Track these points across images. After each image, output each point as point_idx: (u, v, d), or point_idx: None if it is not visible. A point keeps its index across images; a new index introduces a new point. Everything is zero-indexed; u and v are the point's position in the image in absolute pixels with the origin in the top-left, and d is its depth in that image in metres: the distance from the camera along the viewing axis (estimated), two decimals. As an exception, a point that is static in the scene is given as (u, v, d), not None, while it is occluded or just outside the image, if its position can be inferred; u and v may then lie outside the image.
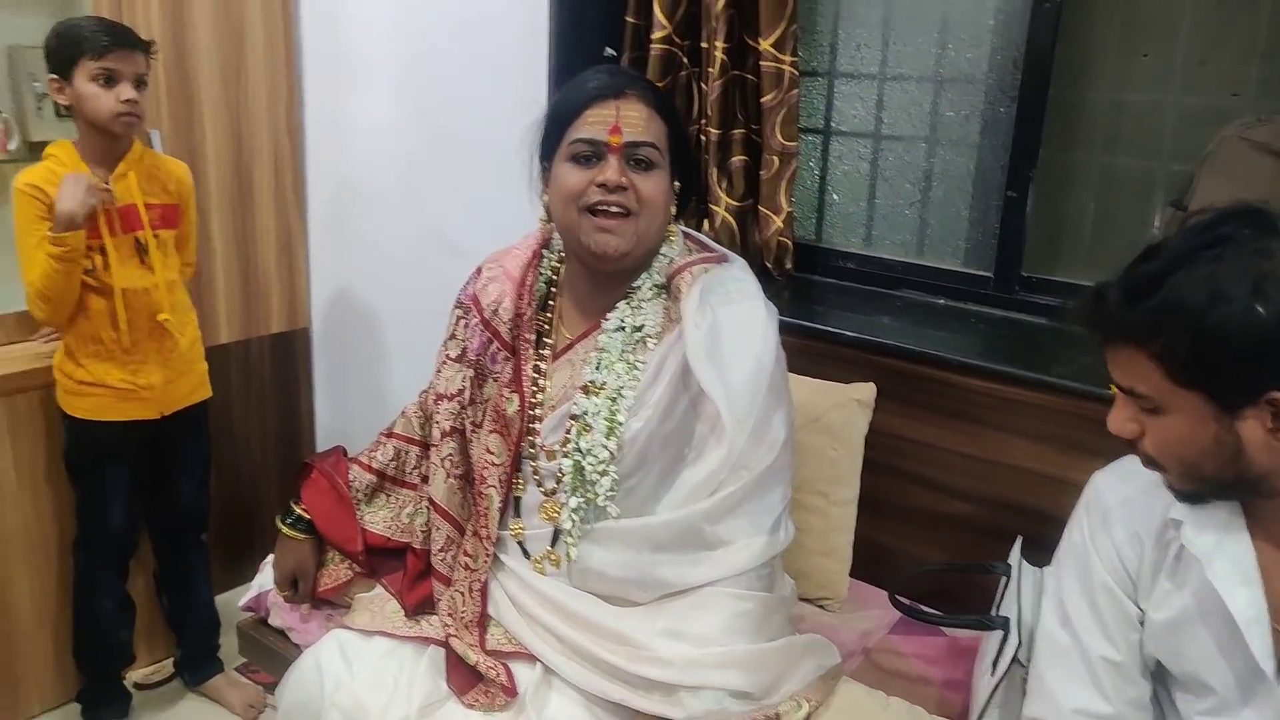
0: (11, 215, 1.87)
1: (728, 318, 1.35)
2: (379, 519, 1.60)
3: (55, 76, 1.85)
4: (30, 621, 2.14)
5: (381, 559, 1.59)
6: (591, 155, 1.34)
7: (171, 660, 2.34)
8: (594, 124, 1.34)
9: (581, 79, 1.40)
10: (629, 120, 1.33)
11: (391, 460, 1.62)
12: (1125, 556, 1.16)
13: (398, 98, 2.43)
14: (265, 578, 1.83)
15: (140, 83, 1.88)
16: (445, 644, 1.40)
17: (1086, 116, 1.89)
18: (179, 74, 2.30)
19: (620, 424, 1.34)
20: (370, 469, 1.61)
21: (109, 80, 1.84)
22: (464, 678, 1.35)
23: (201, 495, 2.23)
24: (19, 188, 1.85)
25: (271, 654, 1.72)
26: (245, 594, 1.77)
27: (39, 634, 2.16)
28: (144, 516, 2.19)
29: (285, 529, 1.59)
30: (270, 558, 1.87)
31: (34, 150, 1.96)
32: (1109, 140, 1.88)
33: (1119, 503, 1.18)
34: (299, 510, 1.59)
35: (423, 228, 2.44)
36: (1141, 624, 1.16)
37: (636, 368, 1.36)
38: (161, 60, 2.10)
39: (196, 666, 2.28)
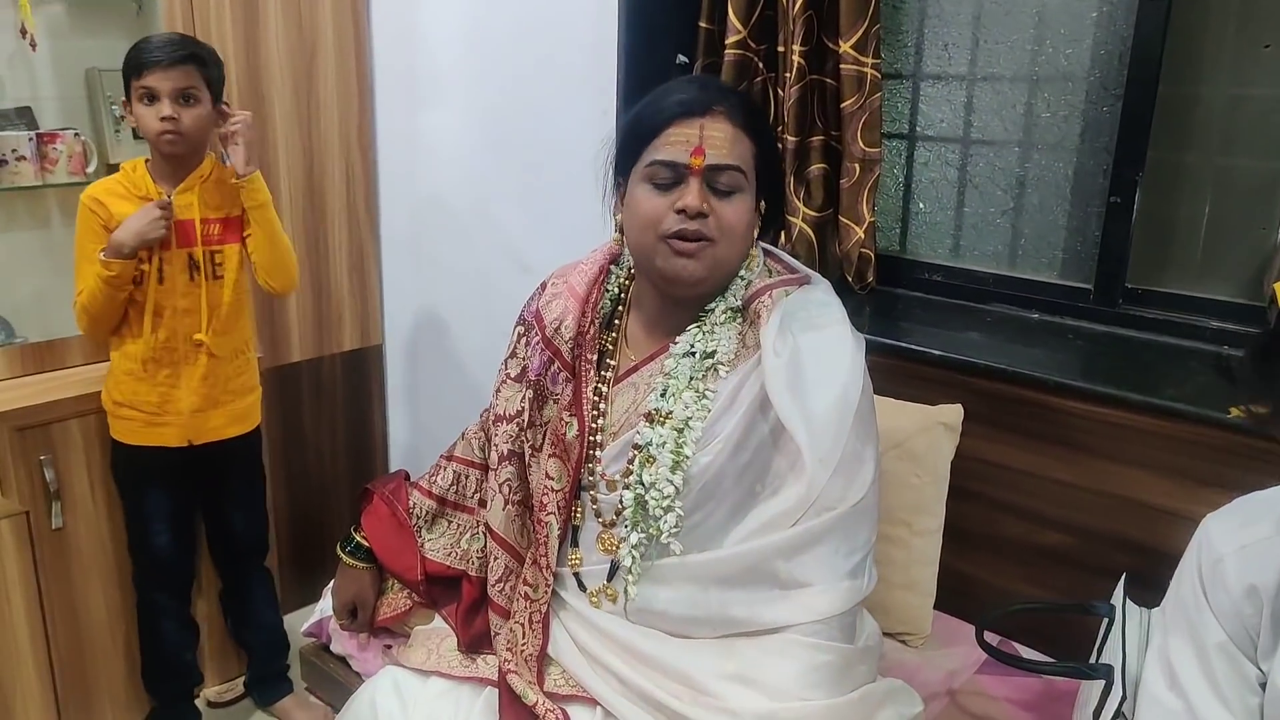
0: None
1: (810, 345, 1.25)
2: (439, 546, 1.55)
3: (124, 99, 1.86)
4: (105, 637, 2.16)
5: (442, 589, 1.53)
6: (671, 179, 1.25)
7: (243, 679, 2.34)
8: (675, 144, 1.24)
9: (665, 91, 1.30)
10: (713, 141, 1.23)
11: (451, 485, 1.57)
12: (1243, 613, 1.02)
13: (468, 111, 2.40)
14: (328, 603, 1.80)
15: (186, 98, 1.84)
16: (501, 681, 1.33)
17: (1200, 114, 1.74)
18: (251, 88, 2.30)
19: (687, 457, 1.24)
20: (431, 494, 1.56)
21: (151, 99, 1.82)
22: (519, 717, 1.28)
23: (257, 525, 2.21)
24: (82, 199, 1.87)
25: (332, 681, 1.69)
26: (310, 618, 1.74)
27: (113, 650, 2.18)
28: (205, 540, 2.20)
29: (345, 557, 1.55)
30: (332, 583, 1.84)
31: (112, 173, 1.97)
32: (1225, 140, 1.73)
33: (1234, 550, 1.04)
34: (358, 538, 1.55)
35: (494, 244, 2.41)
36: (1263, 687, 1.03)
37: (706, 396, 1.27)
38: (233, 74, 2.09)
39: (265, 687, 2.28)
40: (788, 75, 1.92)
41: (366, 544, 1.54)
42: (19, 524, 1.98)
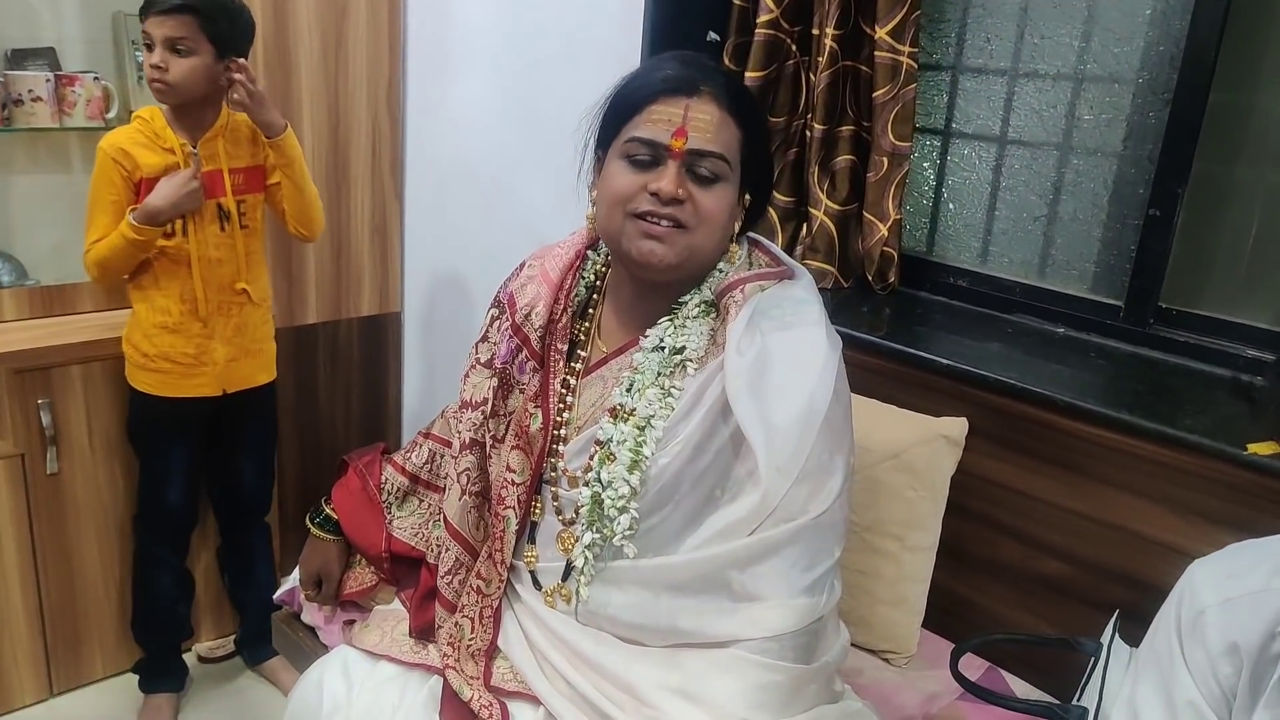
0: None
1: (780, 345, 1.16)
2: (407, 525, 1.51)
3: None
4: (97, 587, 2.18)
5: (406, 569, 1.50)
6: (650, 158, 1.17)
7: (234, 637, 2.35)
8: (657, 122, 1.16)
9: (652, 65, 1.23)
10: (698, 124, 1.15)
11: (425, 463, 1.53)
12: (1220, 671, 0.94)
13: (495, 82, 2.36)
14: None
15: (178, 48, 1.79)
16: (443, 674, 1.30)
17: (1254, 126, 1.62)
18: (278, 47, 2.27)
19: (646, 457, 1.18)
20: (404, 471, 1.52)
21: (149, 46, 1.80)
22: (457, 713, 1.24)
23: (264, 477, 2.21)
24: (101, 147, 1.85)
25: (301, 650, 1.67)
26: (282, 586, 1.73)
27: (105, 600, 2.20)
28: (207, 495, 2.20)
29: (313, 528, 1.53)
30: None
31: (132, 120, 1.96)
32: (1279, 154, 1.60)
33: (1218, 603, 0.96)
34: (328, 510, 1.52)
35: (515, 217, 2.37)
36: (1235, 748, 0.95)
37: (671, 394, 1.20)
38: (260, 32, 2.06)
39: (255, 646, 2.28)
40: (820, 59, 1.85)
41: (335, 516, 1.51)
42: (13, 467, 2.00)
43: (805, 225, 1.95)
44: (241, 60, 1.88)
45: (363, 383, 2.67)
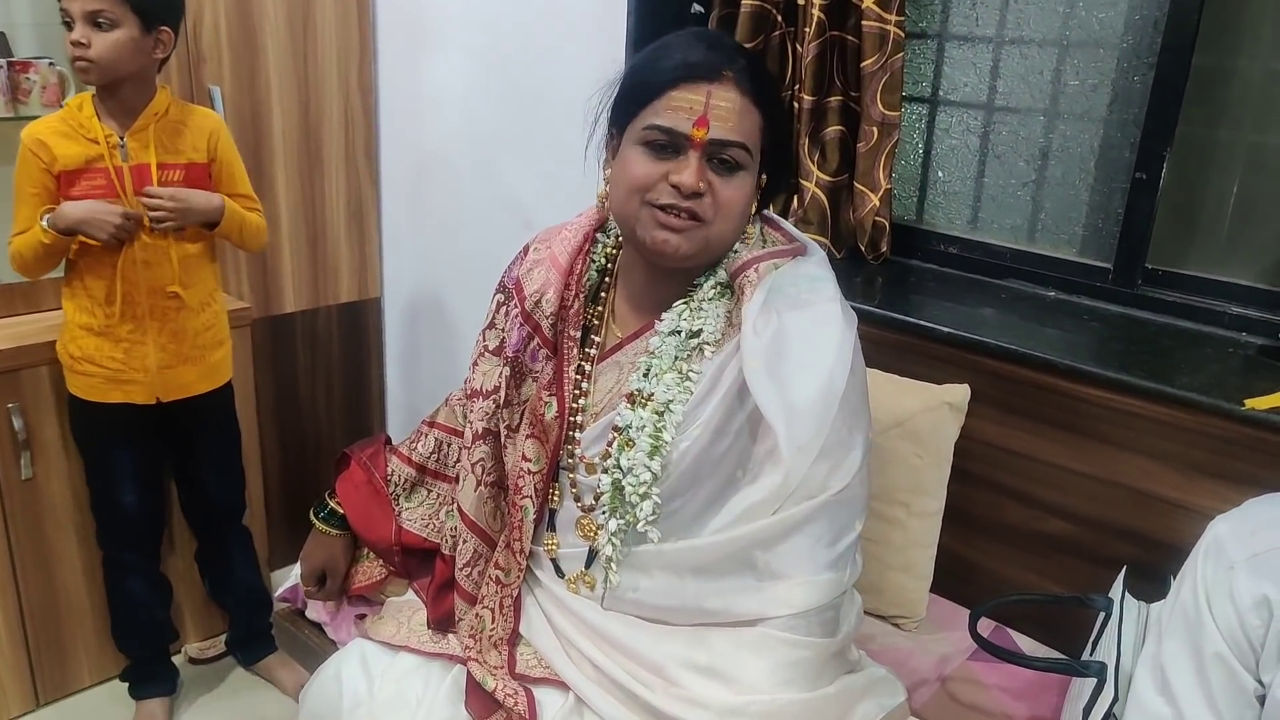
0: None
1: (795, 324, 1.15)
2: (417, 516, 1.49)
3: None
4: (80, 593, 2.11)
5: (417, 561, 1.48)
6: (669, 146, 1.14)
7: (224, 637, 2.31)
8: (678, 109, 1.13)
9: (671, 46, 1.17)
10: (720, 112, 1.12)
11: (432, 453, 1.50)
12: (1248, 624, 0.96)
13: (472, 59, 2.32)
14: (304, 567, 1.76)
15: (98, 22, 1.66)
16: (461, 659, 1.29)
17: (1235, 88, 1.65)
18: (242, 26, 2.19)
19: (666, 443, 1.17)
20: (410, 462, 1.50)
21: (68, 23, 1.68)
22: (483, 703, 1.23)
23: (230, 485, 2.12)
24: (23, 137, 1.74)
25: (306, 648, 1.66)
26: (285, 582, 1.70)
27: (89, 606, 2.13)
28: (178, 499, 2.14)
29: (318, 523, 1.50)
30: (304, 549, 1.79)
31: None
32: (1261, 116, 1.64)
33: (1245, 558, 0.98)
34: (333, 504, 1.49)
35: (496, 198, 2.34)
36: (1261, 700, 0.97)
37: (689, 378, 1.19)
38: (224, 14, 1.99)
39: (247, 646, 2.24)
40: (807, 30, 1.84)
41: (341, 510, 1.48)
42: (-15, 473, 1.92)
43: (797, 197, 1.95)
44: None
45: (344, 371, 2.63)
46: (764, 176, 1.22)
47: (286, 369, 2.48)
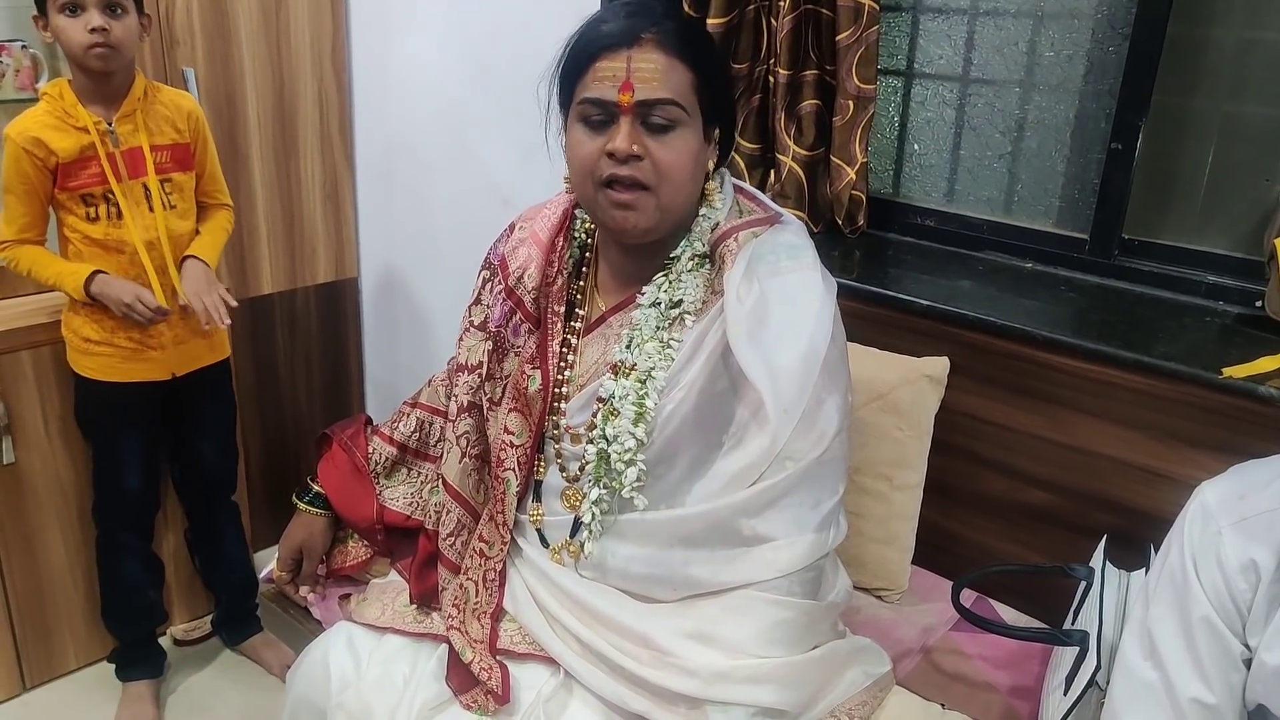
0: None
1: (777, 290, 1.17)
2: (399, 495, 1.49)
3: (36, 13, 1.72)
4: (64, 577, 2.11)
5: (399, 539, 1.49)
6: (603, 118, 1.15)
7: (210, 618, 2.31)
8: (603, 80, 1.14)
9: (594, 20, 1.20)
10: (642, 74, 1.13)
11: (414, 432, 1.51)
12: (1235, 588, 0.97)
13: (445, 37, 2.30)
14: (287, 549, 1.76)
15: (114, 8, 1.71)
16: (447, 638, 1.29)
17: (1210, 57, 1.65)
18: (214, 8, 2.17)
19: (649, 408, 1.18)
20: (392, 441, 1.50)
21: (74, 9, 1.68)
22: (464, 676, 1.24)
23: (226, 458, 2.15)
24: (10, 136, 1.73)
25: (291, 628, 1.66)
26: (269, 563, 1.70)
27: (74, 590, 2.14)
28: (171, 477, 2.14)
29: (301, 505, 1.50)
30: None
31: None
32: (1235, 85, 1.64)
33: (1232, 523, 0.99)
34: (315, 487, 1.49)
35: (473, 175, 2.32)
36: (1246, 663, 0.99)
37: (670, 346, 1.20)
38: (194, -3, 1.99)
39: (233, 627, 2.25)
40: (781, 4, 1.83)
41: (323, 492, 1.48)
42: (-34, 461, 1.92)
43: (774, 171, 1.95)
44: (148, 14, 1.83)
45: (323, 351, 2.62)
46: (717, 132, 1.23)
47: (265, 350, 2.48)
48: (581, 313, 1.31)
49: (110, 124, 1.79)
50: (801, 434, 1.15)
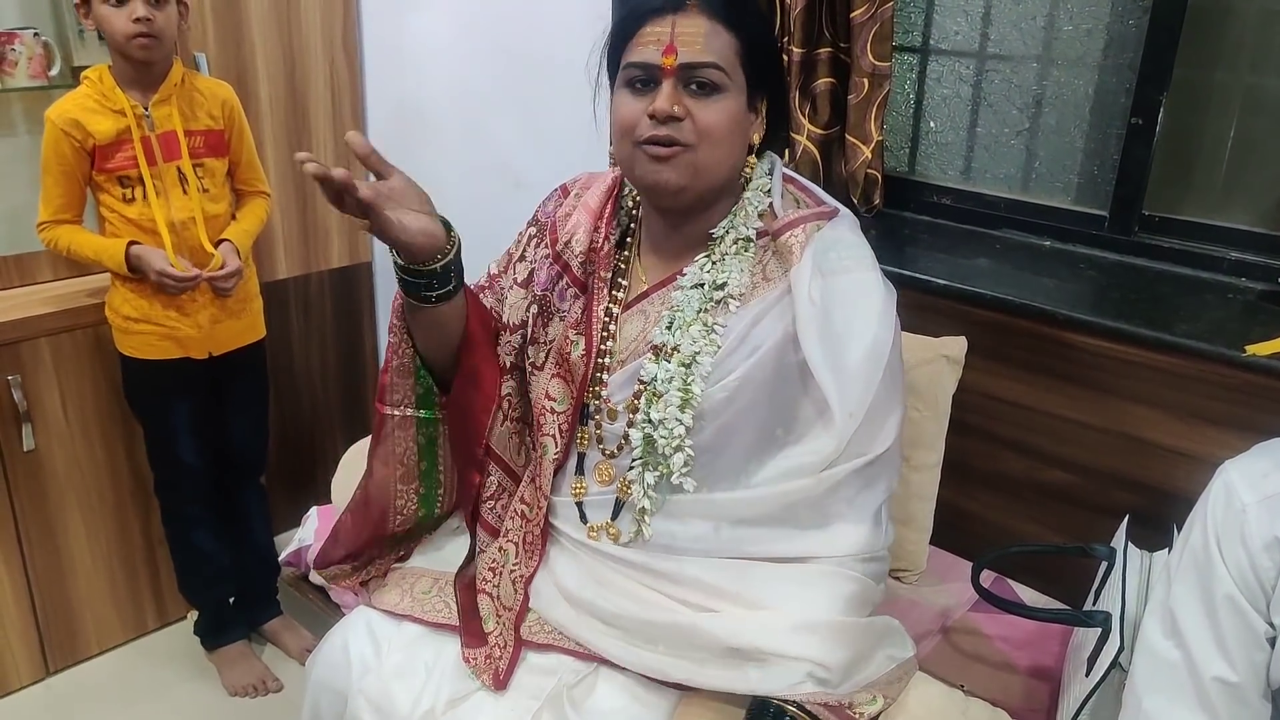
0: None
1: (840, 290, 1.17)
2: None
3: (78, 1, 1.75)
4: (85, 562, 2.14)
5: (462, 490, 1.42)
6: (647, 80, 1.16)
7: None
8: (647, 44, 1.16)
9: None
10: (685, 38, 1.14)
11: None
12: (1260, 566, 0.97)
13: (456, 15, 2.29)
14: (307, 531, 1.77)
15: None
16: (468, 607, 1.30)
17: (1232, 30, 1.63)
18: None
19: (695, 394, 1.18)
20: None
21: (111, 1, 1.72)
22: (478, 633, 1.26)
23: (258, 436, 2.17)
24: (50, 118, 1.78)
25: (311, 612, 1.67)
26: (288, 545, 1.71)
27: (95, 574, 2.16)
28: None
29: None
30: (313, 510, 1.79)
31: (77, 76, 1.87)
32: (1257, 57, 1.62)
33: (1257, 501, 0.98)
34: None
35: (484, 156, 2.31)
36: (1271, 642, 0.98)
37: (715, 331, 1.19)
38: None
39: (255, 608, 2.26)
40: (795, -20, 1.81)
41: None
42: (-12, 447, 1.94)
43: (788, 151, 1.93)
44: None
45: (337, 335, 2.62)
46: (763, 105, 1.23)
47: (281, 334, 2.48)
48: (624, 284, 1.31)
49: (146, 108, 1.83)
50: (865, 432, 1.17)
